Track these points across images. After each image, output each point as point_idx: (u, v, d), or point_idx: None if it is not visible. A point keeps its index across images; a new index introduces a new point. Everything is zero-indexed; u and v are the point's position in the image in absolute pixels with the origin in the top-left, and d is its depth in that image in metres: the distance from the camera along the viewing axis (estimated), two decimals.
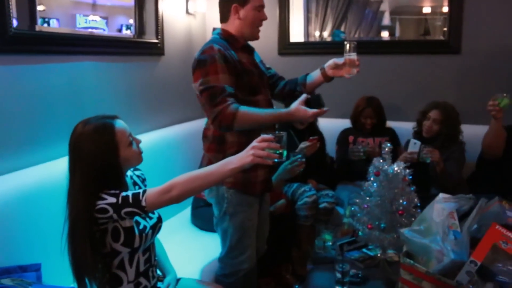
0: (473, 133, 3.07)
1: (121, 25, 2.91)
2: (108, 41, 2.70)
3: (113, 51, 2.72)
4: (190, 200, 2.82)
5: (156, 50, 3.13)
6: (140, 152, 1.70)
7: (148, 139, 2.67)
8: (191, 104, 3.44)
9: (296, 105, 1.98)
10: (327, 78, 2.23)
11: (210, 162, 1.98)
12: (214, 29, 2.18)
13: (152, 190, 1.52)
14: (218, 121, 1.91)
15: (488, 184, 2.85)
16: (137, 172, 1.85)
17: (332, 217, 2.95)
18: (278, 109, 2.05)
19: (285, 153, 1.60)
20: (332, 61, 2.19)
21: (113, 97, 2.71)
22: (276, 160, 1.57)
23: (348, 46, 2.12)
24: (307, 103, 2.02)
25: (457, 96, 3.37)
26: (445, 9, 3.50)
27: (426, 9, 3.69)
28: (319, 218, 2.89)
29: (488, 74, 3.40)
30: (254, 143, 1.55)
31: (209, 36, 3.73)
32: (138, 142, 1.70)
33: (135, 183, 1.79)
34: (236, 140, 2.02)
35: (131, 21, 2.96)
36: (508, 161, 2.82)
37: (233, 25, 2.10)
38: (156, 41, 3.11)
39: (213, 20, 3.81)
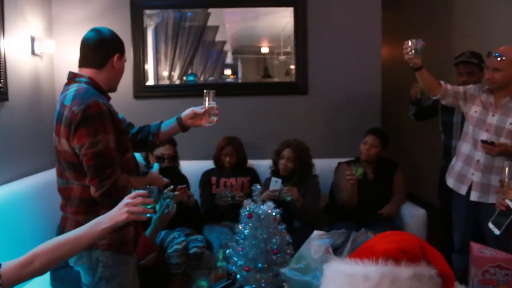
0: (323, 166, 3.39)
1: None
2: None
3: None
4: None
5: None
6: None
7: None
8: (42, 153, 3.18)
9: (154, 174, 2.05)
10: (183, 128, 2.17)
11: (78, 226, 1.80)
12: (74, 74, 1.92)
13: (9, 264, 1.30)
14: (107, 194, 1.78)
15: (342, 213, 3.16)
16: None
17: (203, 261, 2.93)
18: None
19: (157, 206, 1.57)
20: (190, 110, 2.13)
21: None
22: (148, 215, 1.53)
23: (207, 94, 2.11)
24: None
25: (307, 133, 3.68)
26: (283, 50, 3.92)
27: (264, 49, 4.06)
28: (190, 264, 2.84)
29: (333, 112, 3.84)
30: (127, 199, 1.48)
31: (58, 79, 3.60)
32: None
33: None
34: (110, 201, 1.82)
35: None
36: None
37: (106, 75, 1.92)
38: None
39: (62, 62, 3.64)
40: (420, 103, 3.34)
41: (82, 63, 1.93)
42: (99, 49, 1.90)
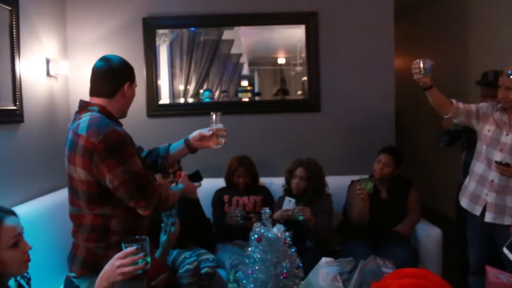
0: (336, 183, 3.36)
1: None
2: None
3: None
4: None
5: (14, 117, 2.84)
6: (26, 260, 1.51)
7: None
8: (57, 172, 3.21)
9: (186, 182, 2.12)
10: (192, 150, 2.20)
11: (89, 253, 1.84)
12: (86, 103, 1.92)
13: None
14: (155, 209, 1.87)
15: (356, 232, 3.12)
16: None
17: (214, 281, 2.92)
18: (176, 187, 2.11)
19: (148, 258, 1.58)
20: (197, 132, 2.17)
21: None
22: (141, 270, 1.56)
23: (214, 116, 2.14)
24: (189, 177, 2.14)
25: (320, 150, 3.69)
26: (299, 61, 3.92)
27: (281, 60, 4.07)
28: (201, 284, 2.83)
29: (346, 129, 3.83)
30: (118, 261, 1.51)
31: (73, 100, 3.66)
32: (28, 248, 1.51)
33: (20, 286, 1.57)
34: (121, 229, 1.87)
35: None
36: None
37: (117, 104, 1.93)
38: (14, 107, 2.83)
39: (76, 82, 3.71)
40: (451, 132, 3.24)
41: (93, 92, 1.94)
42: (109, 79, 1.91)
